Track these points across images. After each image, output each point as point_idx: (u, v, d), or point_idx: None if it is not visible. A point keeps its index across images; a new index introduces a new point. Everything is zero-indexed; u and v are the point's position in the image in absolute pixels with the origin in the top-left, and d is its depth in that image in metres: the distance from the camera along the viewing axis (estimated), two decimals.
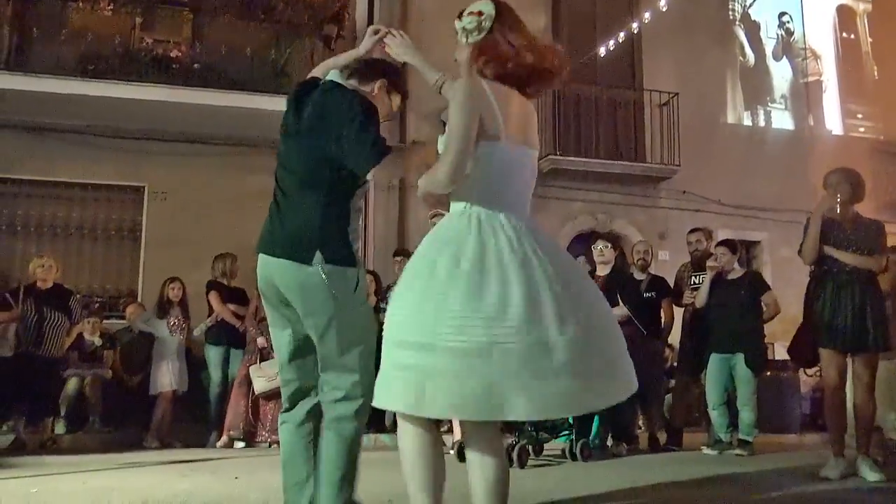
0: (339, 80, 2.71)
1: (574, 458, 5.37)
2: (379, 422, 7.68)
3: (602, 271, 6.16)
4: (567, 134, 10.05)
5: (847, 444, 4.72)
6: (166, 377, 6.85)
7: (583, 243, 9.30)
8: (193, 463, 5.09)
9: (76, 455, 5.72)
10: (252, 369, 6.74)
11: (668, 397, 7.42)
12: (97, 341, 7.61)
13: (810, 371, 8.03)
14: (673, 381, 7.38)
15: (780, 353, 9.17)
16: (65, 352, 6.73)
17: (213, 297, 7.06)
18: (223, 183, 8.86)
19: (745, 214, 10.76)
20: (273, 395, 6.78)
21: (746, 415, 6.03)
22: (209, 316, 7.20)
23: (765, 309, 6.14)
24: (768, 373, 7.25)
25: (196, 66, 8.37)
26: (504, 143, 2.29)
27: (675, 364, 7.32)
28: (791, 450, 6.81)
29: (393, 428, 7.47)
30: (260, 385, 6.70)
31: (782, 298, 10.06)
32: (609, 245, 6.12)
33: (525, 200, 2.37)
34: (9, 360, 6.26)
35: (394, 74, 2.85)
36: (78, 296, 7.15)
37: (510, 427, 5.18)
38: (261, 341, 6.86)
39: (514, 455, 4.92)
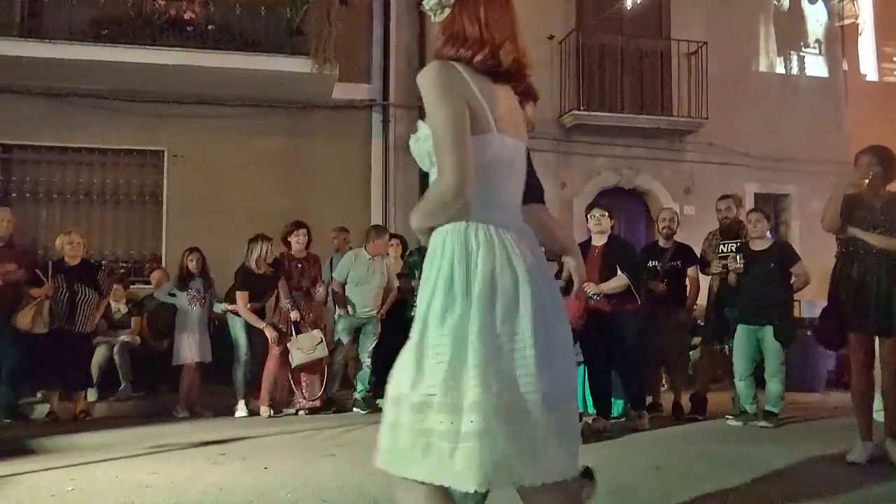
0: None
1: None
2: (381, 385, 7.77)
3: (599, 241, 5.98)
4: (591, 87, 9.78)
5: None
6: (189, 349, 6.91)
7: (607, 199, 9.17)
8: (223, 445, 5.16)
9: (107, 431, 5.83)
10: (290, 344, 6.82)
11: (695, 354, 7.39)
12: (123, 308, 7.72)
13: None
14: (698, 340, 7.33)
15: (807, 310, 9.09)
16: (95, 325, 6.80)
17: (241, 300, 6.91)
18: (242, 145, 8.82)
19: (774, 167, 10.50)
20: (308, 366, 6.92)
21: (774, 386, 6.00)
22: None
23: (794, 280, 6.02)
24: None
25: (210, 27, 8.22)
26: (496, 135, 1.94)
27: (702, 324, 7.24)
28: (816, 413, 6.80)
29: None
30: (298, 357, 6.82)
31: (812, 252, 9.91)
32: (606, 213, 5.94)
33: (519, 200, 2.07)
34: (44, 336, 6.34)
35: None
36: (105, 269, 7.19)
37: None
38: (294, 315, 6.88)
39: None
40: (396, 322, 7.46)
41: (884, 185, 4.64)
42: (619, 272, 5.73)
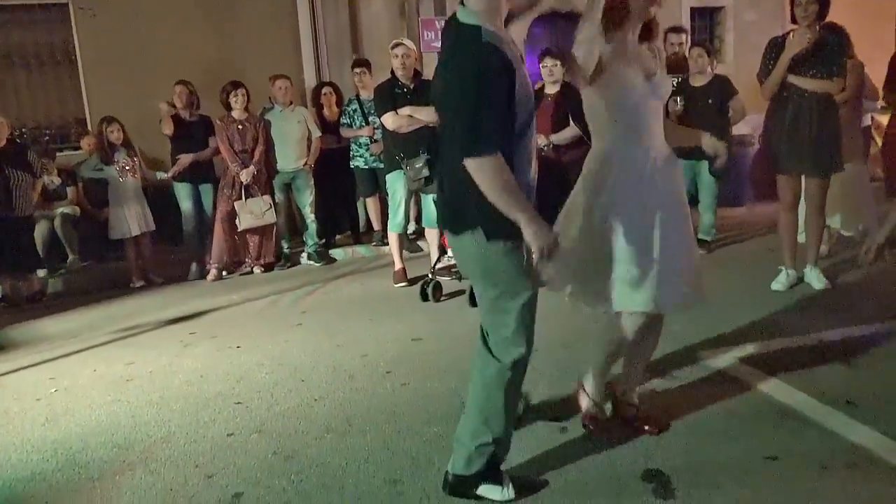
0: None
1: (425, 297, 5.39)
2: (355, 230, 7.95)
3: (551, 90, 6.09)
4: None
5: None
6: (127, 223, 6.80)
7: (544, 25, 8.92)
8: (191, 321, 5.30)
9: (70, 314, 5.88)
10: (238, 205, 6.77)
11: None
12: (56, 180, 7.46)
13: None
14: None
15: (739, 128, 9.38)
16: (34, 206, 6.60)
17: (166, 126, 6.85)
18: None
19: None
20: (256, 229, 6.95)
21: (708, 218, 6.39)
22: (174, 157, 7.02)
23: (731, 114, 6.19)
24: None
25: None
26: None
27: None
28: (745, 230, 7.27)
29: (369, 240, 7.76)
30: (247, 221, 6.82)
31: (746, 65, 10.01)
32: (558, 62, 6.01)
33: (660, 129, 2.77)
34: None
35: None
36: (33, 148, 6.83)
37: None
38: (244, 177, 6.79)
39: (430, 290, 5.34)
40: (339, 172, 7.48)
41: (818, 23, 4.69)
42: (570, 122, 5.80)
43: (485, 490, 2.57)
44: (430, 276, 5.49)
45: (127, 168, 6.83)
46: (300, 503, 2.65)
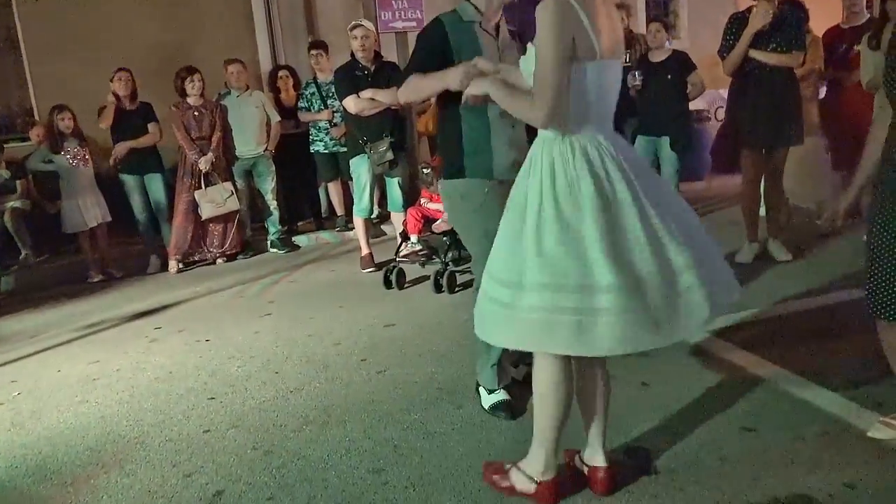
0: None
1: (389, 285, 5.35)
2: (317, 216, 7.85)
3: None
4: None
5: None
6: (82, 215, 6.56)
7: None
8: (155, 316, 5.18)
9: (28, 313, 5.69)
10: (198, 195, 6.61)
11: None
12: (5, 174, 7.19)
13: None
14: None
15: (695, 104, 9.49)
16: None
17: (103, 121, 6.67)
18: None
19: None
20: (218, 218, 6.80)
21: None
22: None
23: (690, 88, 6.24)
24: None
25: None
26: (598, 61, 2.13)
27: None
28: (705, 204, 7.38)
29: (332, 226, 7.68)
30: (209, 210, 6.67)
31: (700, 39, 10.16)
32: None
33: (612, 113, 2.27)
34: None
35: None
36: None
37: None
38: (203, 165, 6.62)
39: (393, 277, 5.31)
40: (299, 158, 7.36)
41: None
42: None
43: None
44: (395, 261, 5.45)
45: (78, 157, 6.60)
46: (283, 498, 2.62)
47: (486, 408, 3.12)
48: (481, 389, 3.18)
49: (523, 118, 2.28)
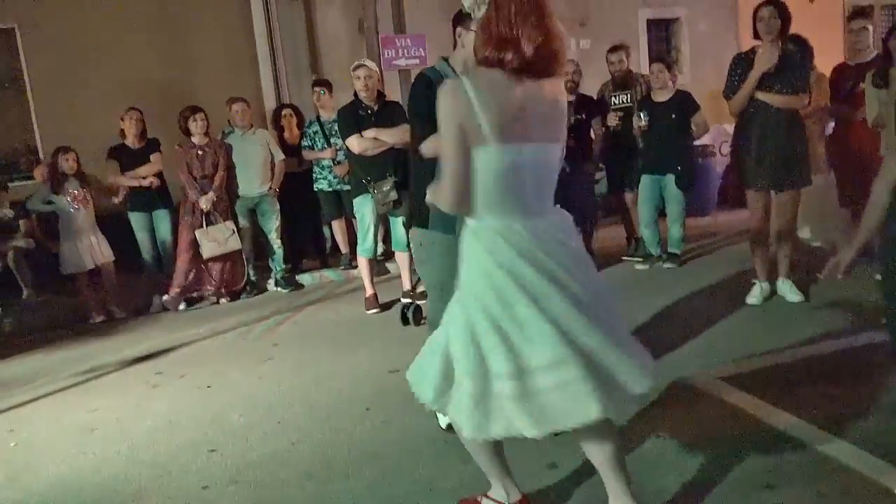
0: None
1: (406, 321, 5.30)
2: (321, 254, 7.79)
3: None
4: None
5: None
6: (81, 257, 6.52)
7: None
8: (156, 360, 5.10)
9: (27, 356, 5.61)
10: (199, 234, 6.57)
11: None
12: (9, 213, 7.16)
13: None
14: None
15: (700, 139, 9.49)
16: None
17: (111, 172, 6.71)
18: (104, 15, 7.90)
19: None
20: (220, 257, 6.75)
21: (676, 231, 6.39)
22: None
23: (694, 129, 6.22)
24: None
25: None
26: (493, 146, 2.04)
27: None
28: (711, 241, 7.31)
29: (336, 263, 7.61)
30: (210, 249, 6.61)
31: (702, 74, 10.18)
32: None
33: (545, 195, 2.19)
34: None
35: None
36: None
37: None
38: (204, 204, 6.59)
39: (410, 314, 5.25)
40: (302, 196, 7.33)
41: (780, 38, 4.72)
42: None
43: None
44: (410, 299, 5.39)
45: (78, 198, 6.58)
46: None
47: (444, 427, 3.28)
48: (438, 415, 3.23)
49: (436, 203, 2.19)
